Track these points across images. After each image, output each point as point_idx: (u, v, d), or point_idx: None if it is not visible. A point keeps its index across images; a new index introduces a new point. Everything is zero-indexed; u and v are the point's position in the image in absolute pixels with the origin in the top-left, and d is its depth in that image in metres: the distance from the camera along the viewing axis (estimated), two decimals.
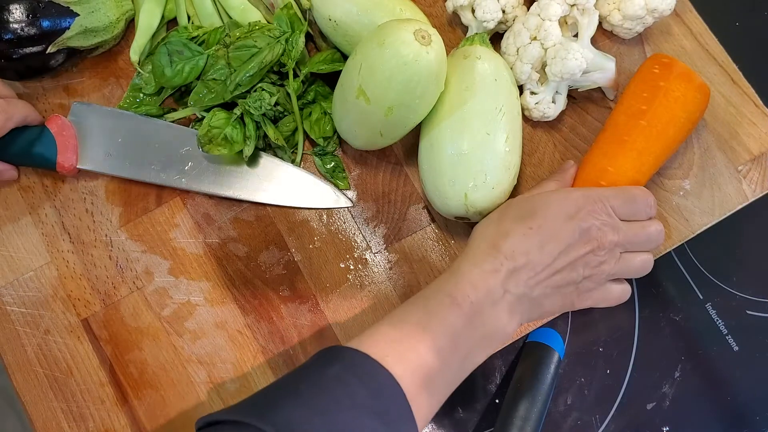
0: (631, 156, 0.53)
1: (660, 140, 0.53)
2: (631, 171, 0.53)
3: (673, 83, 0.53)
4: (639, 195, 0.50)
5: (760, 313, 0.65)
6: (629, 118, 0.53)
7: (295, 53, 0.56)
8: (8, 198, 0.59)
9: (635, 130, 0.53)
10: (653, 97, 0.53)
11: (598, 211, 0.48)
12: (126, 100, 0.60)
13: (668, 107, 0.53)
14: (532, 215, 0.48)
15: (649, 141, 0.53)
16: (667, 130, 0.53)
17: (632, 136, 0.53)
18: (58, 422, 0.55)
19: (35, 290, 0.57)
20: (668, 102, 0.53)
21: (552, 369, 0.60)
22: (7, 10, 0.53)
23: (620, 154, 0.53)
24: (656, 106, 0.53)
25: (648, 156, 0.53)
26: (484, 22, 0.57)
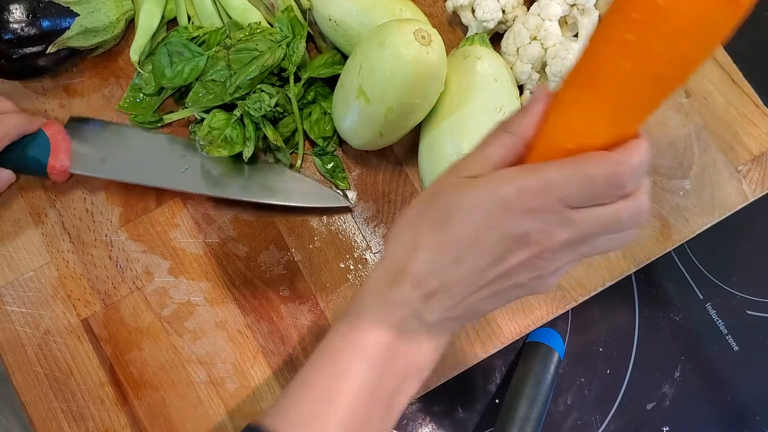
0: (609, 107, 0.35)
1: (654, 85, 0.35)
2: (608, 128, 0.36)
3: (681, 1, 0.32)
4: (599, 173, 0.34)
5: (760, 313, 0.65)
6: (611, 54, 0.34)
7: (296, 58, 0.56)
8: (8, 198, 0.59)
9: (615, 72, 0.34)
10: (647, 24, 0.33)
11: (540, 210, 0.35)
12: (126, 100, 0.60)
13: (670, 40, 0.33)
14: (447, 222, 0.36)
15: (637, 88, 0.35)
16: (664, 71, 0.34)
17: (610, 80, 0.35)
18: (58, 422, 0.55)
19: (35, 290, 0.57)
20: (670, 32, 0.32)
21: (552, 369, 0.60)
22: (7, 10, 0.53)
23: (597, 105, 0.36)
24: (650, 39, 0.33)
25: (633, 108, 0.36)
26: (484, 22, 0.57)
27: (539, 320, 0.57)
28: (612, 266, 0.58)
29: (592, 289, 0.57)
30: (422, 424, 0.68)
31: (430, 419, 0.67)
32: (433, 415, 0.67)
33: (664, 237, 0.58)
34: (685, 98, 0.61)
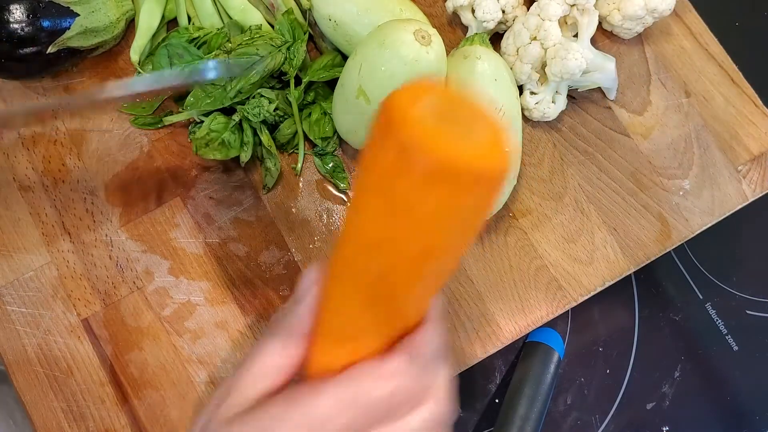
0: (371, 313, 0.30)
1: (416, 282, 0.30)
2: (375, 335, 0.31)
3: (423, 189, 0.26)
4: (378, 385, 0.29)
5: (760, 313, 0.65)
6: (355, 253, 0.30)
7: (297, 62, 0.56)
8: (8, 198, 0.59)
9: (361, 271, 0.30)
10: (391, 214, 0.27)
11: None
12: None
13: (421, 227, 0.27)
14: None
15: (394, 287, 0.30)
16: (423, 261, 0.29)
17: (359, 281, 0.30)
18: (58, 422, 0.55)
19: (35, 290, 0.57)
20: (418, 220, 0.27)
21: (552, 369, 0.60)
22: (7, 10, 0.53)
23: (358, 314, 0.31)
24: (397, 231, 0.28)
25: (402, 307, 0.31)
26: (484, 22, 0.57)
27: (539, 320, 0.57)
28: (612, 266, 0.58)
29: (592, 289, 0.58)
30: None
31: None
32: None
33: (663, 237, 0.58)
34: (684, 98, 0.61)
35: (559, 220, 0.59)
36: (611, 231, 0.59)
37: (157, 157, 0.60)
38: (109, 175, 0.59)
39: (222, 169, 0.59)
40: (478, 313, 0.57)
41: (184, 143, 0.60)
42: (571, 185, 0.59)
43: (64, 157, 0.59)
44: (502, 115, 0.52)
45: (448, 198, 0.26)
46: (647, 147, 0.60)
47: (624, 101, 0.61)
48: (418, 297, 0.32)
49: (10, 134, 0.60)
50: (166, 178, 0.59)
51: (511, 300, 0.57)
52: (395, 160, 0.26)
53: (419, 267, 0.29)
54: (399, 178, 0.26)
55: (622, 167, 0.60)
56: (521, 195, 0.59)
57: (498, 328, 0.57)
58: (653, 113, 0.61)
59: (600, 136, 0.60)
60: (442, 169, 0.25)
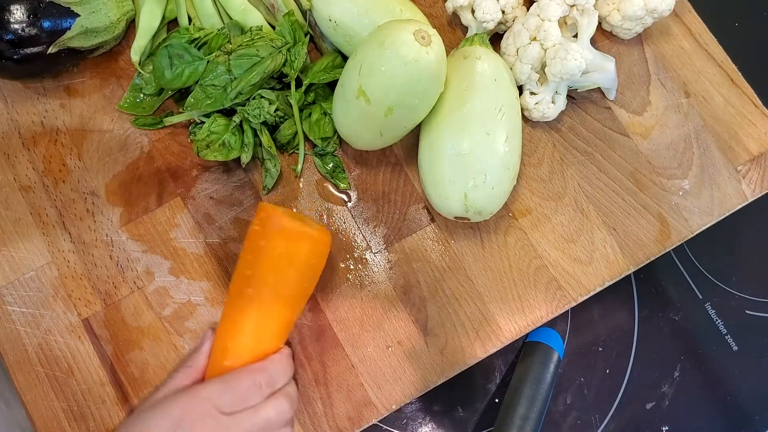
0: (248, 327, 0.49)
1: (277, 303, 0.49)
2: (252, 342, 0.49)
3: (273, 240, 0.48)
4: (243, 379, 0.47)
5: (760, 313, 0.65)
6: (239, 287, 0.50)
7: (298, 65, 0.56)
8: (9, 198, 0.59)
9: (244, 298, 0.49)
10: (256, 260, 0.49)
11: (201, 416, 0.45)
12: (126, 100, 0.60)
13: (273, 266, 0.49)
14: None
15: (262, 308, 0.49)
16: (279, 290, 0.49)
17: (243, 304, 0.49)
18: (58, 421, 0.55)
19: (36, 290, 0.57)
20: (271, 261, 0.48)
21: (552, 369, 0.60)
22: (8, 11, 0.53)
23: (239, 328, 0.49)
24: (260, 269, 0.49)
25: (269, 320, 0.49)
26: (483, 23, 0.58)
27: (539, 320, 0.57)
28: (611, 266, 0.58)
29: (592, 289, 0.58)
30: (422, 424, 0.68)
31: (430, 418, 0.67)
32: (433, 414, 0.67)
33: (663, 237, 0.59)
34: (684, 98, 0.61)
35: (559, 220, 0.59)
36: (611, 231, 0.59)
37: (158, 158, 0.60)
38: (110, 175, 0.59)
39: (222, 169, 0.60)
40: (478, 313, 0.57)
41: (184, 143, 0.60)
42: (571, 185, 0.60)
43: (65, 158, 0.59)
44: (502, 116, 0.52)
45: (287, 244, 0.49)
46: (647, 147, 0.60)
47: (624, 101, 0.61)
48: (283, 317, 0.51)
49: (12, 134, 0.60)
50: (166, 178, 0.59)
51: (511, 300, 0.57)
52: (261, 232, 0.49)
53: (279, 292, 0.49)
54: (264, 238, 0.49)
55: (621, 167, 0.60)
56: (521, 195, 0.59)
57: (498, 328, 0.57)
58: (653, 113, 0.61)
59: (600, 137, 0.61)
60: (284, 229, 0.49)
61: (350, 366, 0.56)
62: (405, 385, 0.56)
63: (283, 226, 0.48)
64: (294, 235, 0.49)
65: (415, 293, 0.57)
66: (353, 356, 0.56)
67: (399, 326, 0.57)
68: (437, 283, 0.58)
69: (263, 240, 0.48)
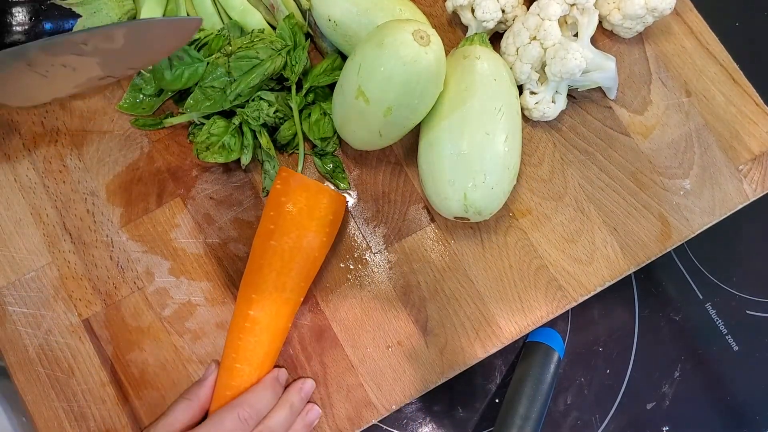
0: (271, 277, 0.52)
1: (297, 255, 0.52)
2: (275, 293, 0.52)
3: (294, 195, 0.52)
4: (226, 418, 0.50)
5: (760, 313, 0.65)
6: (263, 240, 0.53)
7: (299, 68, 0.56)
8: (9, 198, 0.59)
9: (269, 251, 0.52)
10: (278, 215, 0.52)
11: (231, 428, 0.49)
12: (126, 100, 0.60)
13: (293, 220, 0.52)
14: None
15: (284, 258, 0.52)
16: (299, 243, 0.52)
17: (267, 257, 0.52)
18: (59, 422, 0.55)
19: (36, 290, 0.57)
20: (293, 216, 0.52)
21: (552, 369, 0.60)
22: (9, 13, 0.53)
23: (262, 286, 0.52)
24: (282, 222, 0.52)
25: (288, 275, 0.52)
26: (483, 22, 0.57)
27: (539, 320, 0.57)
28: (612, 266, 0.58)
29: (592, 289, 0.58)
30: (422, 424, 0.68)
31: (430, 419, 0.67)
32: (433, 414, 0.67)
33: (664, 237, 0.58)
34: (685, 97, 0.61)
35: (559, 220, 0.59)
36: (611, 231, 0.59)
37: (158, 158, 0.60)
38: (110, 175, 0.59)
39: (222, 170, 0.60)
40: (478, 313, 0.57)
41: (184, 144, 0.60)
42: (571, 185, 0.59)
43: (65, 158, 0.60)
44: (501, 116, 0.52)
45: (308, 197, 0.53)
46: (648, 146, 0.60)
47: (624, 101, 0.61)
48: (303, 271, 0.53)
49: (12, 135, 0.60)
50: (166, 178, 0.59)
51: (511, 300, 0.57)
52: (282, 189, 0.53)
53: (299, 245, 0.52)
54: (282, 195, 0.53)
55: (622, 167, 0.60)
56: (521, 195, 0.59)
57: (498, 328, 0.57)
58: (654, 113, 0.61)
59: (600, 136, 0.60)
60: (305, 183, 0.53)
61: (350, 366, 0.56)
62: (405, 385, 0.56)
63: (305, 182, 0.53)
64: (314, 189, 0.53)
65: (415, 293, 0.57)
66: (353, 356, 0.56)
67: (399, 326, 0.57)
68: (437, 283, 0.58)
69: (284, 196, 0.52)
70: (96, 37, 0.49)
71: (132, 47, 0.51)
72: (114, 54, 0.52)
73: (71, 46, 0.50)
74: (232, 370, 0.52)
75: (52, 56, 0.50)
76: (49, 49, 0.49)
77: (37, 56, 0.50)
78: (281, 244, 0.52)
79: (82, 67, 0.52)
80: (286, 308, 0.53)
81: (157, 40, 0.52)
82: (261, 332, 0.52)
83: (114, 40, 0.50)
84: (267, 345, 0.52)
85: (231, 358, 0.52)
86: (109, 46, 0.50)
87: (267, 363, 0.53)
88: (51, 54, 0.50)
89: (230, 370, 0.52)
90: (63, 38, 0.49)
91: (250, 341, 0.52)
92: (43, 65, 0.51)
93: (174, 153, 0.60)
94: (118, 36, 0.50)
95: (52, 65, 0.51)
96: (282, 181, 0.53)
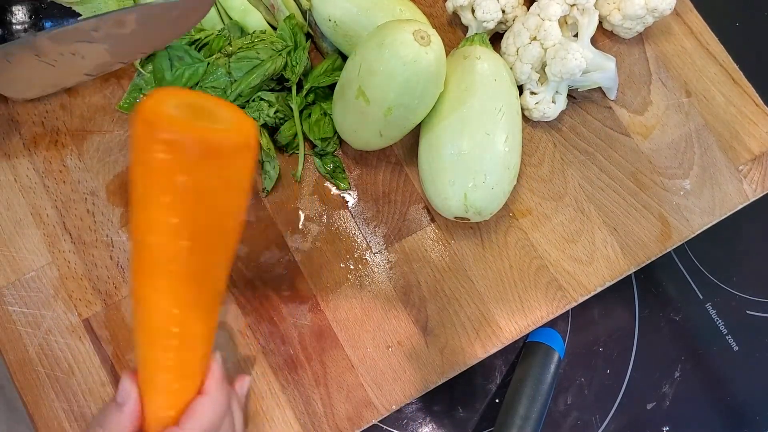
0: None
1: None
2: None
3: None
4: (218, 397, 0.43)
5: (760, 313, 0.65)
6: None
7: (299, 69, 0.56)
8: (10, 198, 0.59)
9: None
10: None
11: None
12: (126, 101, 0.60)
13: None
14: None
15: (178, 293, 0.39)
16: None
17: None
18: (59, 422, 0.55)
19: (36, 290, 0.57)
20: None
21: (552, 369, 0.60)
22: (9, 12, 0.53)
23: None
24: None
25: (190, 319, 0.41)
26: (484, 23, 0.57)
27: (539, 320, 0.57)
28: (612, 266, 0.58)
29: (592, 289, 0.58)
30: (422, 424, 0.68)
31: (430, 419, 0.67)
32: (433, 414, 0.67)
33: (664, 237, 0.58)
34: (685, 98, 0.61)
35: (559, 220, 0.59)
36: (611, 231, 0.59)
37: None
38: (110, 175, 0.59)
39: None
40: (478, 313, 0.57)
41: None
42: (572, 185, 0.59)
43: (65, 158, 0.60)
44: (501, 116, 0.52)
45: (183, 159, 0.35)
46: (648, 147, 0.60)
47: (624, 101, 0.61)
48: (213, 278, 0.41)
49: (12, 135, 0.60)
50: None
51: (511, 300, 0.57)
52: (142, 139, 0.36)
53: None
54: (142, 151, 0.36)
55: (622, 167, 0.60)
56: (521, 195, 0.59)
57: (498, 328, 0.57)
58: (654, 113, 0.61)
59: (600, 136, 0.60)
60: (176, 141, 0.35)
61: (350, 366, 0.56)
62: (405, 385, 0.56)
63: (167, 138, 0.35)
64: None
65: (415, 293, 0.57)
66: (353, 356, 0.56)
67: (399, 326, 0.57)
68: (437, 283, 0.58)
69: (145, 151, 0.36)
70: (107, 23, 0.48)
71: (143, 31, 0.49)
72: (125, 39, 0.50)
73: (81, 33, 0.48)
74: (168, 391, 0.42)
75: (61, 45, 0.49)
76: (58, 38, 0.48)
77: (46, 46, 0.49)
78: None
79: (91, 55, 0.50)
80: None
81: (169, 23, 0.50)
82: (193, 338, 0.42)
83: (125, 26, 0.49)
84: (203, 345, 0.42)
85: (162, 379, 0.42)
86: (120, 31, 0.49)
87: (206, 362, 0.43)
88: (60, 43, 0.49)
89: (165, 391, 0.42)
90: (72, 26, 0.47)
91: (187, 354, 0.42)
92: (51, 54, 0.50)
93: None
94: (129, 21, 0.48)
95: (61, 54, 0.50)
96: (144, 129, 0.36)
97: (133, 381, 0.42)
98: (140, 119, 0.35)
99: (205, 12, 0.51)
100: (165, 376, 0.41)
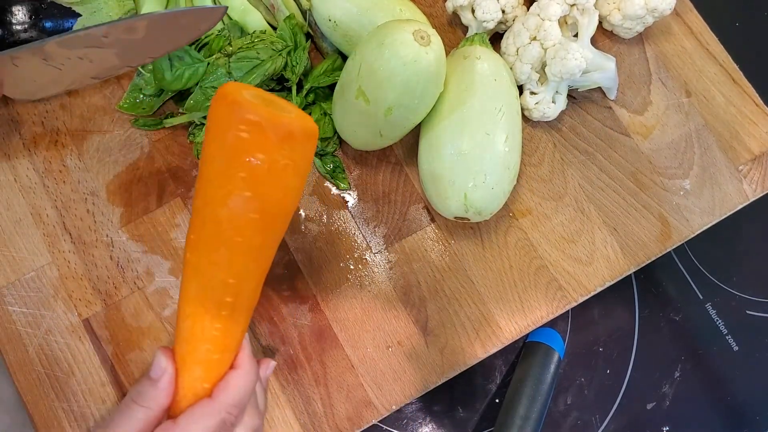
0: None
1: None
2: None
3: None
4: (248, 374, 0.43)
5: (760, 313, 0.65)
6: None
7: (299, 69, 0.56)
8: (10, 198, 0.59)
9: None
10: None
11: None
12: (126, 100, 0.60)
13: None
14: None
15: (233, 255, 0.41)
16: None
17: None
18: (59, 422, 0.55)
19: (36, 290, 0.57)
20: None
21: (552, 369, 0.60)
22: (9, 12, 0.53)
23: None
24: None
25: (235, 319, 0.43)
26: (483, 23, 0.57)
27: (539, 320, 0.57)
28: (612, 266, 0.58)
29: (592, 289, 0.58)
30: (422, 424, 0.68)
31: (430, 419, 0.67)
32: (433, 414, 0.67)
33: (664, 237, 0.58)
34: (685, 98, 0.61)
35: (559, 220, 0.59)
36: (611, 231, 0.59)
37: (158, 158, 0.60)
38: (110, 175, 0.59)
39: None
40: (478, 313, 0.57)
41: (184, 144, 0.60)
42: (571, 185, 0.59)
43: (65, 158, 0.60)
44: (501, 116, 0.52)
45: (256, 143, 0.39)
46: (648, 147, 0.60)
47: (624, 101, 0.61)
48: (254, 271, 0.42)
49: (12, 135, 0.60)
50: (166, 178, 0.59)
51: (511, 300, 0.57)
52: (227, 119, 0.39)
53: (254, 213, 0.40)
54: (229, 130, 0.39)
55: (622, 167, 0.60)
56: (521, 195, 0.59)
57: (498, 328, 0.57)
58: (654, 113, 0.61)
59: (600, 136, 0.60)
60: (251, 122, 0.38)
61: (350, 366, 0.56)
62: (405, 385, 0.56)
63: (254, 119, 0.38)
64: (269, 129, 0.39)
65: (415, 293, 0.57)
66: (353, 356, 0.56)
67: (399, 326, 0.57)
68: (437, 283, 0.58)
69: (233, 129, 0.38)
70: (117, 30, 0.48)
71: (153, 37, 0.50)
72: (134, 45, 0.50)
73: (91, 39, 0.48)
74: (208, 363, 0.43)
75: (71, 50, 0.50)
76: (68, 43, 0.48)
77: (54, 51, 0.49)
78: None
79: (99, 59, 0.51)
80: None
81: (180, 30, 0.50)
82: (241, 309, 0.43)
83: (136, 32, 0.49)
84: (246, 318, 0.44)
85: (204, 350, 0.43)
86: (130, 37, 0.49)
87: (243, 336, 0.45)
88: (69, 48, 0.49)
89: (205, 363, 0.43)
90: (83, 32, 0.48)
91: (233, 325, 0.43)
92: (59, 59, 0.50)
93: (174, 153, 0.60)
94: (140, 27, 0.49)
95: (69, 58, 0.50)
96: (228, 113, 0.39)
97: (168, 357, 0.43)
98: (226, 101, 0.39)
99: (217, 20, 0.51)
100: (208, 346, 0.42)
